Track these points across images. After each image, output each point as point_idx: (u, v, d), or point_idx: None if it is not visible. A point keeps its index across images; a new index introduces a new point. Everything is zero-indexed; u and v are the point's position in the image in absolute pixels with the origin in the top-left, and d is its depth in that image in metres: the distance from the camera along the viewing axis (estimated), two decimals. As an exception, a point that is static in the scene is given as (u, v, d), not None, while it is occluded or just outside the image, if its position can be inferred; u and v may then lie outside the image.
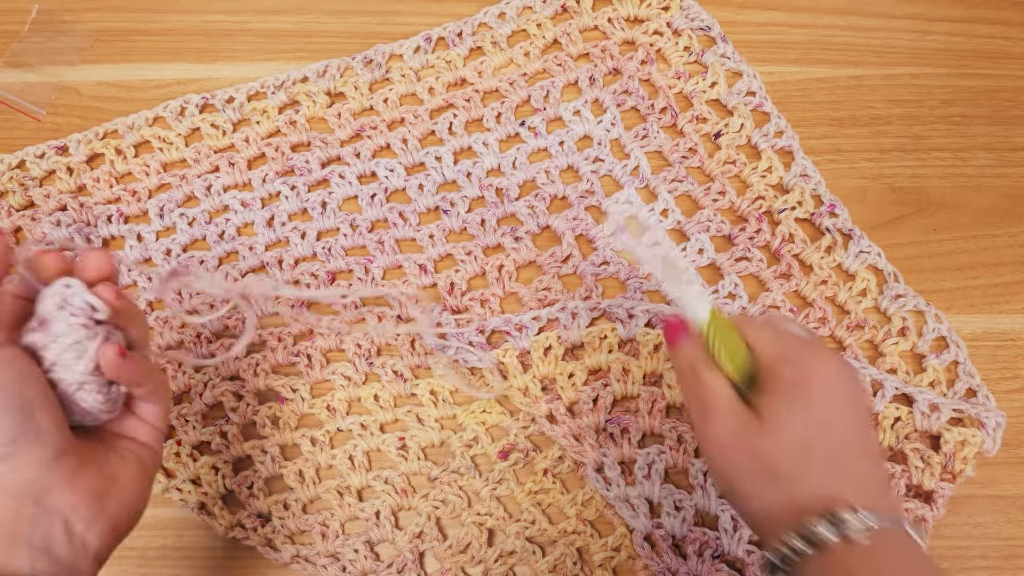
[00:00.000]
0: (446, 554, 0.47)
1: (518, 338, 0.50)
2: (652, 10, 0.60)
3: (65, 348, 0.35)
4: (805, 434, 0.35)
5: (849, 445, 0.36)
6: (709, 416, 0.37)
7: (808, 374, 0.36)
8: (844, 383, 0.37)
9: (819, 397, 0.36)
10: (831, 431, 0.35)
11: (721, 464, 0.37)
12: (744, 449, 0.36)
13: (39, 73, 0.60)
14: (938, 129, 0.58)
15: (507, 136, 0.57)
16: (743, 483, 0.36)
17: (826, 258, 0.53)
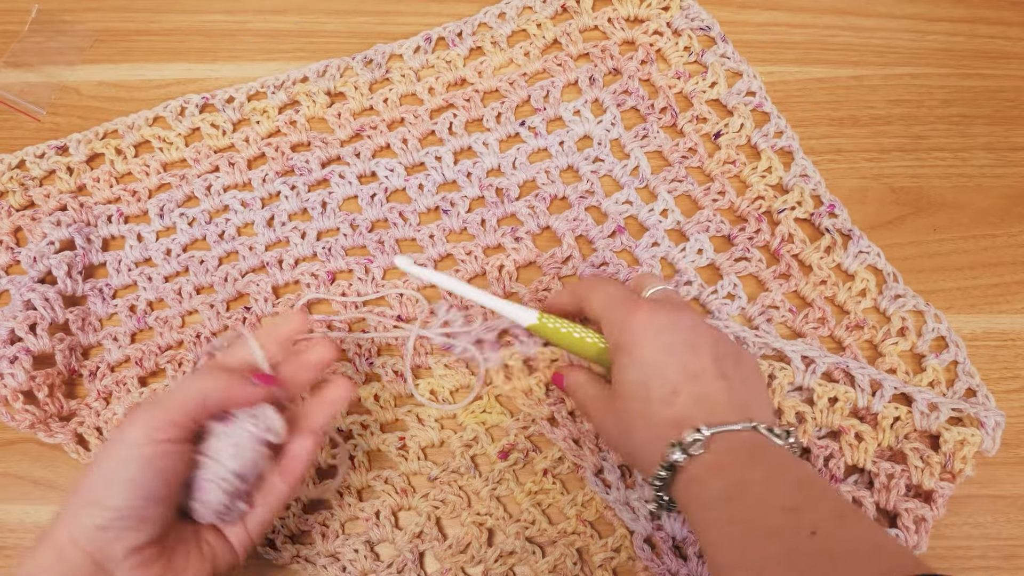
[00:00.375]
0: (446, 554, 0.47)
1: (526, 344, 0.50)
2: (652, 10, 0.60)
3: (229, 445, 0.38)
4: (641, 386, 0.40)
5: (693, 375, 0.39)
6: (585, 410, 0.45)
7: (628, 330, 0.41)
8: (665, 326, 0.41)
9: (643, 347, 0.40)
10: (663, 373, 0.39)
11: (606, 439, 0.45)
12: (609, 420, 0.42)
13: (39, 73, 0.60)
14: (938, 129, 0.58)
15: (507, 136, 0.57)
16: (623, 448, 0.42)
17: (826, 258, 0.53)
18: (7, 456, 0.51)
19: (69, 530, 0.35)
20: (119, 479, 0.35)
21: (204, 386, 0.38)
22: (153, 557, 0.36)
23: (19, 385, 0.48)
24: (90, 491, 0.35)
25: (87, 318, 0.52)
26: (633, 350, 0.40)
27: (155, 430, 0.36)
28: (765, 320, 0.52)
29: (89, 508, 0.35)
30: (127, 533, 0.35)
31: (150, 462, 0.35)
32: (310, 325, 0.44)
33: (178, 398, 0.37)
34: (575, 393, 0.46)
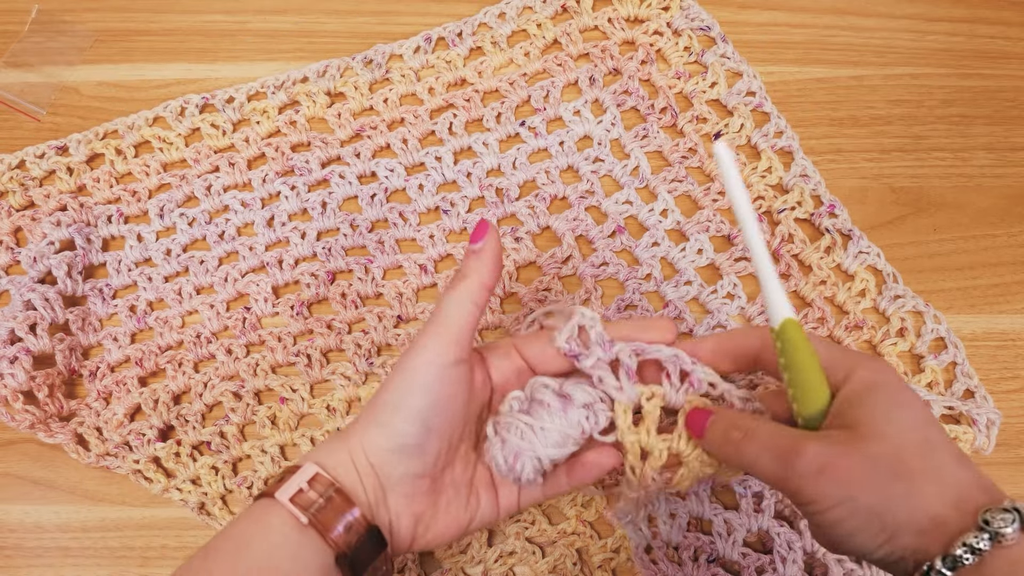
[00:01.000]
0: (446, 554, 0.47)
1: (676, 388, 0.38)
2: (652, 10, 0.60)
3: (557, 432, 0.37)
4: (918, 432, 0.31)
5: (950, 440, 0.32)
6: (797, 451, 0.31)
7: (884, 371, 0.33)
8: (906, 383, 0.35)
9: (908, 392, 0.33)
10: (938, 424, 0.32)
11: (849, 492, 0.30)
12: (860, 461, 0.30)
13: (39, 73, 0.60)
14: (938, 129, 0.58)
15: (507, 136, 0.57)
16: (868, 497, 0.30)
17: (825, 258, 0.53)
18: (7, 456, 0.51)
19: (361, 443, 0.36)
20: (408, 405, 0.36)
21: (463, 296, 0.37)
22: (423, 490, 0.37)
23: (19, 385, 0.48)
24: (381, 411, 0.36)
25: (87, 318, 0.52)
26: (897, 393, 0.32)
27: (438, 354, 0.36)
28: (765, 320, 0.52)
29: (380, 428, 0.36)
30: (407, 460, 0.36)
31: (436, 390, 0.36)
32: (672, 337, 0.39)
33: (451, 315, 0.36)
34: (774, 438, 0.33)
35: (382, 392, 0.37)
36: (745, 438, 0.34)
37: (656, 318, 0.40)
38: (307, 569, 0.34)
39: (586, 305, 0.52)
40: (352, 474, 0.36)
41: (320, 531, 0.34)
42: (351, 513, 0.35)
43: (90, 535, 0.49)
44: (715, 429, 0.35)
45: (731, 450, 0.34)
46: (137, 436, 0.50)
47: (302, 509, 0.34)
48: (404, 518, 0.37)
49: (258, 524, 0.35)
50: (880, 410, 0.32)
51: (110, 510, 0.49)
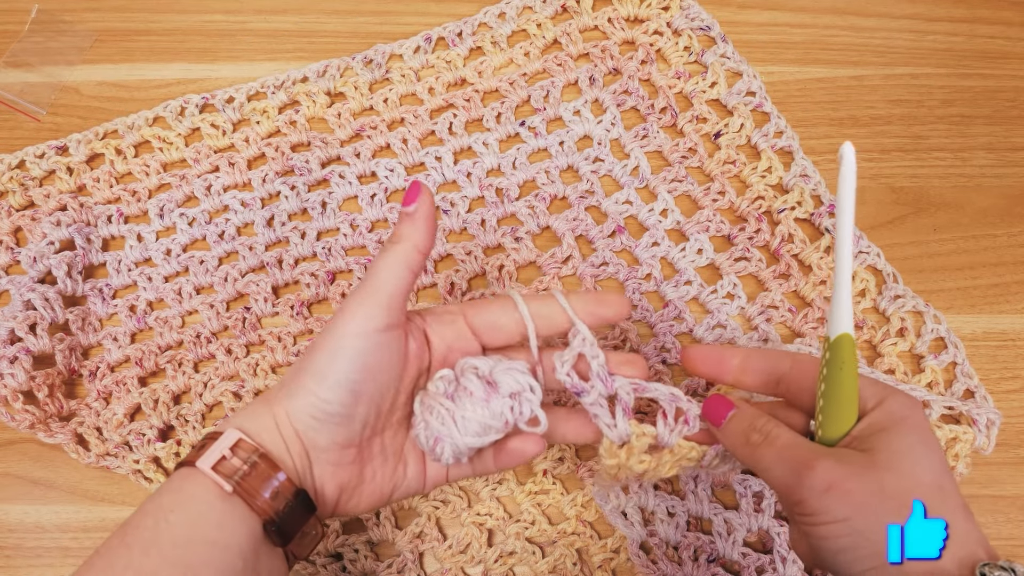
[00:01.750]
0: (446, 554, 0.47)
1: (668, 430, 0.37)
2: (652, 10, 0.60)
3: (477, 423, 0.36)
4: (933, 473, 0.31)
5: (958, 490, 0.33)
6: (809, 465, 0.32)
7: (910, 406, 0.33)
8: (932, 427, 0.35)
9: (930, 433, 0.33)
10: (950, 473, 0.32)
11: (847, 512, 0.31)
12: (869, 486, 0.31)
13: (39, 73, 0.60)
14: (938, 129, 0.58)
15: (507, 136, 0.57)
16: (869, 523, 0.31)
17: (825, 258, 0.53)
18: (7, 456, 0.51)
19: (287, 408, 0.35)
20: (334, 372, 0.35)
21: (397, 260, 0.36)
22: (348, 459, 0.36)
23: (19, 385, 0.48)
24: (306, 377, 0.35)
25: (87, 318, 0.52)
26: (924, 433, 0.32)
27: (368, 318, 0.35)
28: (764, 320, 0.52)
29: (305, 396, 0.35)
30: (332, 428, 0.35)
31: (364, 357, 0.35)
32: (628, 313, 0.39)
33: (383, 280, 0.35)
34: (792, 449, 0.33)
35: (307, 357, 0.35)
36: (764, 443, 0.34)
37: (612, 295, 0.39)
38: (234, 537, 0.33)
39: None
40: (277, 440, 0.35)
41: (245, 498, 0.33)
42: (276, 478, 0.34)
43: (90, 535, 0.49)
44: (735, 426, 0.35)
45: (748, 451, 0.35)
46: (137, 436, 0.50)
47: (225, 477, 0.33)
48: (329, 487, 0.36)
49: (179, 495, 0.33)
50: (904, 445, 0.32)
51: (110, 510, 0.49)
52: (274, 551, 0.35)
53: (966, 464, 0.46)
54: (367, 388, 0.35)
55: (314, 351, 0.35)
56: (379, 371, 0.36)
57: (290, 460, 0.35)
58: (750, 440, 0.35)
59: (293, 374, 0.36)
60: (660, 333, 0.52)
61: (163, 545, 0.32)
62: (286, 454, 0.35)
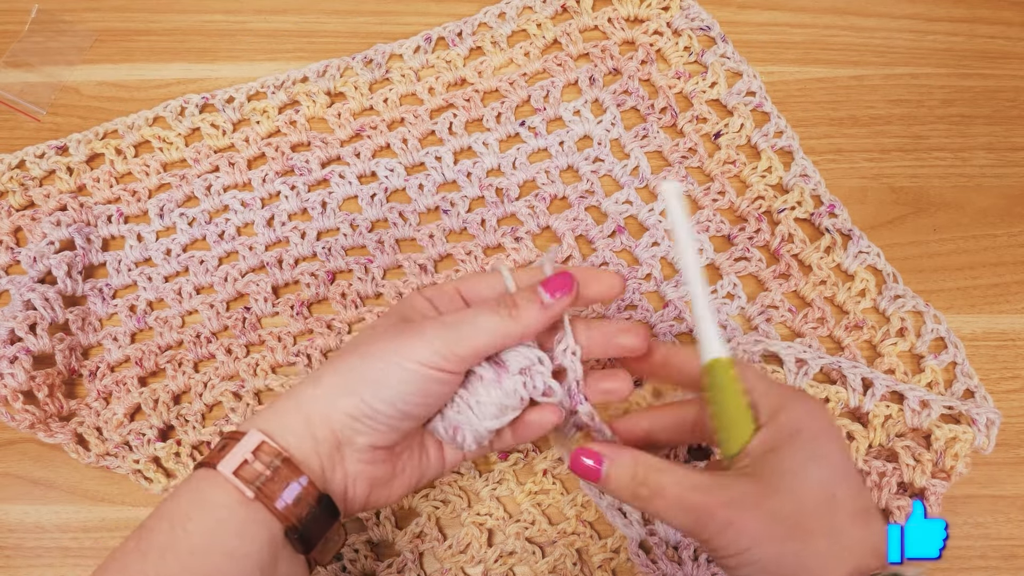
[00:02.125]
0: (446, 554, 0.47)
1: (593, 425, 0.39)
2: (652, 10, 0.60)
3: (494, 405, 0.36)
4: (823, 488, 0.32)
5: (862, 492, 0.34)
6: (704, 510, 0.32)
7: (804, 416, 0.33)
8: (836, 426, 0.34)
9: (827, 442, 0.33)
10: (851, 482, 0.33)
11: (746, 544, 0.31)
12: (762, 516, 0.31)
13: (39, 73, 0.60)
14: (938, 129, 0.58)
15: (507, 136, 0.57)
16: (765, 552, 0.31)
17: (825, 258, 0.53)
18: (7, 456, 0.51)
19: (324, 408, 0.34)
20: (391, 388, 0.34)
21: (501, 329, 0.35)
22: (383, 458, 0.36)
23: (19, 385, 0.48)
24: (358, 382, 0.34)
25: (87, 318, 0.52)
26: (813, 442, 0.33)
27: (444, 359, 0.34)
28: (764, 320, 0.52)
29: (352, 398, 0.34)
30: (373, 433, 0.35)
31: (425, 384, 0.34)
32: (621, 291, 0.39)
33: (474, 335, 0.35)
34: (685, 496, 0.33)
35: (360, 362, 0.35)
36: (653, 496, 0.33)
37: (606, 272, 0.39)
38: (253, 545, 0.32)
39: (586, 305, 0.52)
40: (305, 440, 0.34)
41: (267, 504, 0.32)
42: (299, 483, 0.33)
43: (90, 535, 0.49)
44: (617, 479, 0.34)
45: (640, 504, 0.34)
46: (137, 436, 0.50)
47: (247, 482, 0.32)
48: (361, 482, 0.36)
49: (198, 500, 0.33)
50: (794, 462, 0.32)
51: (110, 510, 0.49)
52: (295, 557, 0.34)
53: (966, 464, 0.46)
54: (419, 411, 0.36)
55: (371, 358, 0.35)
56: (434, 398, 0.36)
57: (317, 461, 0.34)
58: (638, 494, 0.34)
59: (337, 374, 0.35)
60: (660, 333, 0.52)
61: (180, 552, 0.31)
62: (313, 455, 0.34)
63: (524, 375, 0.36)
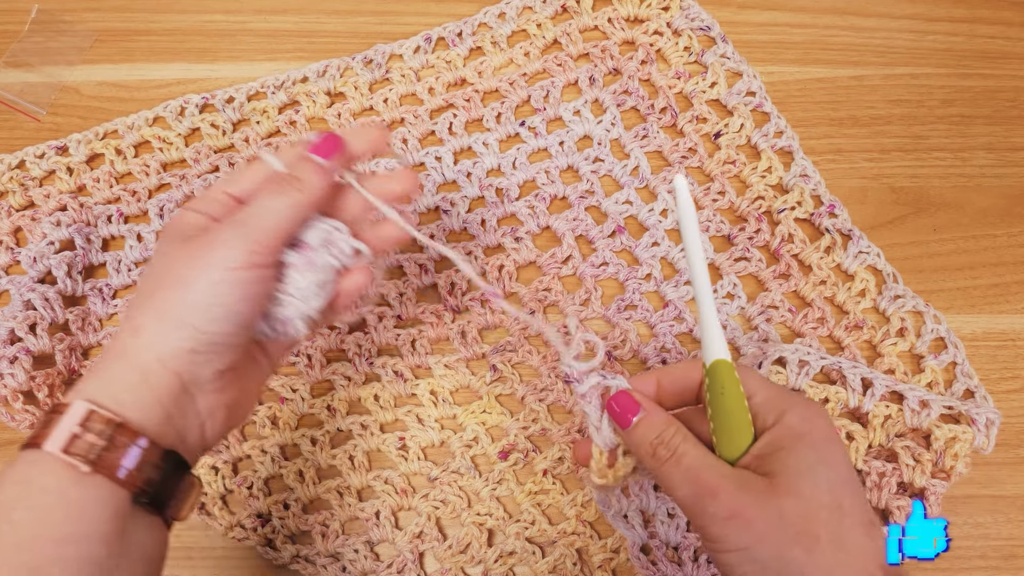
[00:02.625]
0: (446, 554, 0.47)
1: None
2: (652, 10, 0.60)
3: (314, 284, 0.37)
4: (830, 494, 0.31)
5: (865, 501, 0.33)
6: (713, 492, 0.32)
7: (812, 421, 0.33)
8: (837, 433, 0.34)
9: (833, 448, 0.32)
10: (857, 490, 0.32)
11: (748, 541, 0.31)
12: (769, 514, 0.31)
13: (39, 73, 0.60)
14: (938, 129, 0.58)
15: (507, 136, 0.57)
16: (767, 552, 0.31)
17: (825, 258, 0.53)
18: (7, 456, 0.50)
19: (159, 353, 0.33)
20: (218, 305, 0.33)
21: (290, 204, 0.35)
22: (231, 380, 0.36)
23: (19, 385, 0.48)
24: (183, 313, 0.33)
25: (87, 318, 0.52)
26: (821, 446, 0.32)
27: (253, 254, 0.34)
28: (764, 320, 0.52)
29: (182, 331, 0.33)
30: (216, 357, 0.34)
31: (246, 287, 0.34)
32: (387, 140, 0.40)
33: (269, 220, 0.35)
34: (699, 471, 0.33)
35: (179, 291, 0.33)
36: (672, 460, 0.33)
37: (403, 171, 0.40)
38: (93, 524, 0.30)
39: (586, 305, 0.52)
40: (143, 395, 0.32)
41: (108, 475, 0.30)
42: (138, 445, 0.31)
43: (90, 535, 0.49)
44: (643, 433, 0.34)
45: (654, 464, 0.34)
46: (137, 436, 0.50)
47: (80, 457, 0.30)
48: (218, 413, 0.35)
49: (23, 487, 0.30)
50: (803, 464, 0.32)
51: (110, 510, 0.49)
52: (148, 522, 0.33)
53: (966, 464, 0.46)
54: (249, 317, 0.35)
55: (184, 285, 0.33)
56: (257, 298, 0.35)
57: (161, 412, 0.33)
58: (657, 454, 0.34)
59: (156, 314, 0.33)
60: (660, 333, 0.52)
61: (5, 549, 0.29)
62: (156, 407, 0.32)
63: (328, 246, 0.37)
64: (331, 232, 0.37)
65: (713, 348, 0.34)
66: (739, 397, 0.34)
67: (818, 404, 0.34)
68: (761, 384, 0.35)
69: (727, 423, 0.34)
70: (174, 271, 0.34)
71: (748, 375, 0.35)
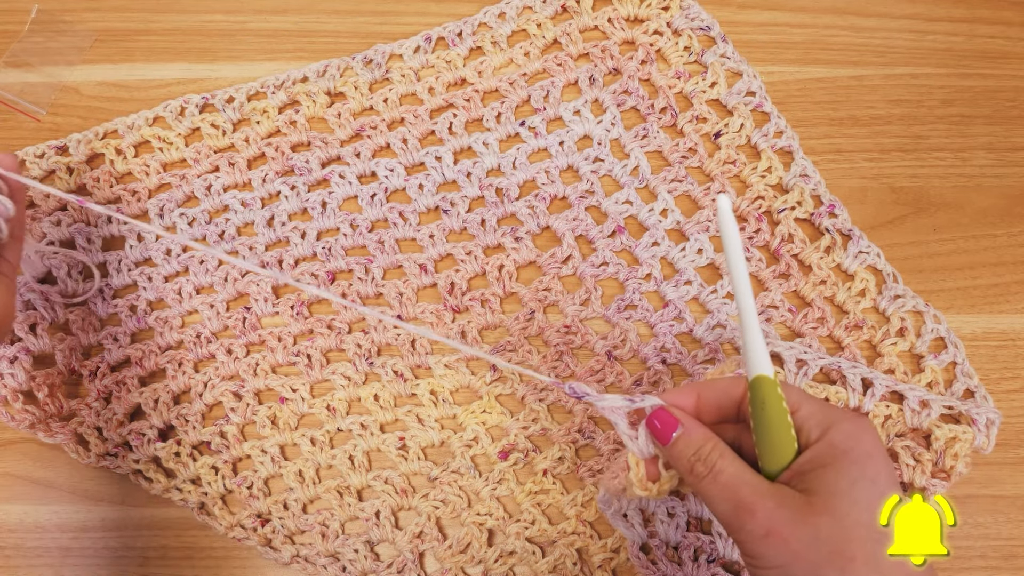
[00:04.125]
0: (446, 554, 0.47)
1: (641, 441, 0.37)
2: (652, 10, 0.60)
3: None
4: (873, 511, 0.31)
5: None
6: (751, 510, 0.32)
7: (858, 437, 0.33)
8: (885, 450, 0.33)
9: (878, 465, 0.32)
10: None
11: (783, 560, 0.31)
12: (804, 534, 0.31)
13: (39, 73, 0.60)
14: (938, 129, 0.58)
15: (507, 136, 0.57)
16: (803, 571, 0.31)
17: (825, 258, 0.53)
18: (7, 456, 0.51)
19: None
20: None
21: None
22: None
23: (19, 385, 0.48)
24: None
25: (87, 318, 0.52)
26: (866, 464, 0.32)
27: None
28: (764, 320, 0.52)
29: None
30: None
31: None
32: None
33: None
34: (737, 488, 0.33)
35: None
36: (709, 477, 0.33)
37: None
38: None
39: (586, 305, 0.52)
40: None
41: None
42: None
43: (90, 535, 0.49)
44: (682, 449, 0.35)
45: (692, 480, 0.34)
46: (137, 436, 0.50)
47: None
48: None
49: None
50: (842, 482, 0.31)
51: (110, 510, 0.49)
52: None
53: (966, 464, 0.46)
54: None
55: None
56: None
57: None
58: (695, 470, 0.34)
59: None
60: (660, 333, 0.52)
61: None
62: None
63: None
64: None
65: (756, 363, 0.34)
66: (782, 413, 0.33)
67: (866, 419, 0.34)
68: (805, 399, 0.35)
69: (769, 438, 0.34)
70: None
71: (792, 390, 0.35)
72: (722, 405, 0.36)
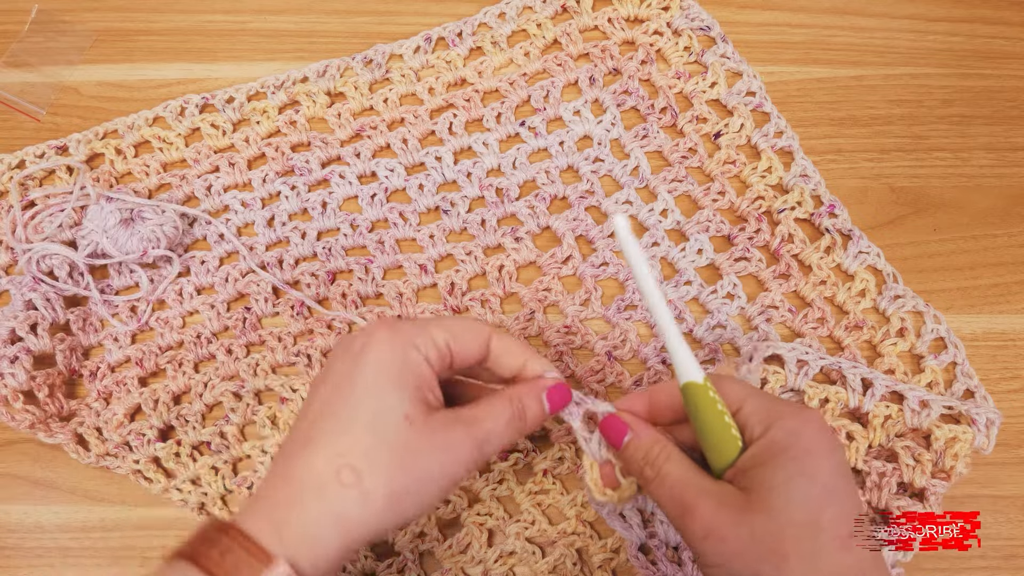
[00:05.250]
0: (446, 554, 0.47)
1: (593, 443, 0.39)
2: (652, 10, 0.60)
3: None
4: (807, 510, 0.31)
5: (851, 514, 0.32)
6: (691, 511, 0.32)
7: (799, 432, 0.33)
8: (837, 442, 0.33)
9: (817, 460, 0.32)
10: (841, 503, 0.32)
11: (724, 559, 0.31)
12: (742, 532, 0.31)
13: (39, 73, 0.60)
14: (938, 129, 0.58)
15: (507, 136, 0.57)
16: (741, 569, 0.31)
17: (825, 258, 0.53)
18: (7, 456, 0.51)
19: (375, 528, 0.33)
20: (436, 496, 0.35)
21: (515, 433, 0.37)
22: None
23: (19, 385, 0.48)
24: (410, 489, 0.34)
25: (88, 318, 0.52)
26: (805, 459, 0.32)
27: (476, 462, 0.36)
28: (764, 320, 0.52)
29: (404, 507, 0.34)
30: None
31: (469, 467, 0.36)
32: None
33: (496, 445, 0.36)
34: (679, 489, 0.33)
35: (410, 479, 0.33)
36: (656, 480, 0.34)
37: None
38: None
39: (586, 305, 0.52)
40: (334, 566, 0.32)
41: None
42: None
43: (90, 535, 0.49)
44: (633, 454, 0.36)
45: (643, 483, 0.36)
46: (137, 436, 0.50)
47: None
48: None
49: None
50: (778, 479, 0.32)
51: (110, 510, 0.49)
52: None
53: (966, 464, 0.46)
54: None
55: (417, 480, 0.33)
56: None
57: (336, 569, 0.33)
58: (644, 473, 0.35)
59: (388, 487, 0.32)
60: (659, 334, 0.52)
61: None
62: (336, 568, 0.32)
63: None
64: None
65: (682, 371, 0.35)
66: (717, 414, 0.34)
67: (813, 412, 0.34)
68: (751, 395, 0.35)
69: (708, 439, 0.35)
70: (412, 446, 0.33)
71: (737, 387, 0.35)
72: (674, 407, 0.37)
